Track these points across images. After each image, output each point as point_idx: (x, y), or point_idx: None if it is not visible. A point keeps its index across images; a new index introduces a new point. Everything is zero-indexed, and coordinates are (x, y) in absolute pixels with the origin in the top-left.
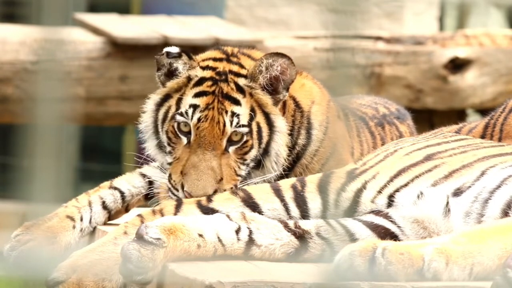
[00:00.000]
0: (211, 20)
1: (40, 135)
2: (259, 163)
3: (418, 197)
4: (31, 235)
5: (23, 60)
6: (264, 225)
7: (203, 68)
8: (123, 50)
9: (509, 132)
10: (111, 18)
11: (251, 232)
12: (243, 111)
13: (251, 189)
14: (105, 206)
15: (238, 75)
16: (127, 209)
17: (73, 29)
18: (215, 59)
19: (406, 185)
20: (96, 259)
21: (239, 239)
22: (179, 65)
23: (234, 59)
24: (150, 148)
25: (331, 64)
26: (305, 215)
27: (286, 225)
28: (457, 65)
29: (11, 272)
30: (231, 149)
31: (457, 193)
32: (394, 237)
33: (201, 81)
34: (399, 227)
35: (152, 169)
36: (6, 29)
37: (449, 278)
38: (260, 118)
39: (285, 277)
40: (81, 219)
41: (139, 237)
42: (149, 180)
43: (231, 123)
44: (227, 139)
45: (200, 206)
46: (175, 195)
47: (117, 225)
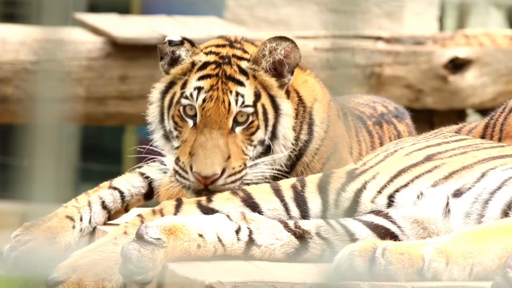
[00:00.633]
0: (211, 20)
1: (40, 135)
2: (268, 149)
3: (418, 197)
4: (30, 235)
5: (23, 60)
6: (264, 225)
7: (206, 53)
8: (123, 50)
9: (509, 132)
10: (111, 18)
11: (251, 232)
12: (247, 92)
13: (251, 189)
14: (104, 206)
15: (241, 58)
16: (126, 209)
17: (73, 29)
18: (218, 46)
19: (406, 185)
20: (96, 259)
21: (239, 239)
22: (182, 52)
23: (237, 45)
24: (157, 139)
25: (331, 64)
26: (305, 215)
27: (286, 225)
28: (457, 65)
29: (11, 272)
30: (238, 129)
31: (457, 194)
32: (394, 237)
33: (205, 65)
34: (399, 227)
35: (151, 168)
36: (6, 29)
37: (449, 278)
38: (265, 100)
39: (285, 277)
40: (81, 219)
41: (139, 237)
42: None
43: (236, 102)
44: (233, 119)
45: (200, 206)
46: (183, 177)
47: (117, 225)
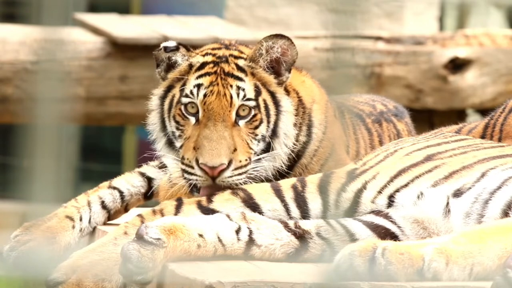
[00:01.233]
0: (211, 20)
1: (40, 135)
2: (268, 147)
3: (418, 197)
4: (30, 235)
5: (23, 60)
6: (264, 225)
7: (203, 55)
8: (123, 50)
9: (509, 132)
10: (111, 18)
11: (251, 232)
12: (247, 86)
13: (251, 189)
14: (104, 206)
15: (238, 57)
16: (126, 209)
17: (73, 29)
18: (213, 49)
19: (406, 185)
20: (96, 259)
21: (239, 239)
22: (178, 58)
23: (232, 48)
24: (160, 147)
25: (331, 64)
26: (305, 215)
27: (286, 225)
28: (457, 65)
29: (11, 272)
30: (241, 122)
31: (457, 194)
32: (394, 237)
33: (203, 65)
34: (399, 227)
35: (151, 168)
36: (6, 29)
37: (449, 278)
38: (266, 96)
39: (285, 277)
40: (81, 219)
41: (139, 237)
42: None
43: (238, 95)
44: (235, 113)
45: (200, 206)
46: (190, 173)
47: (117, 225)
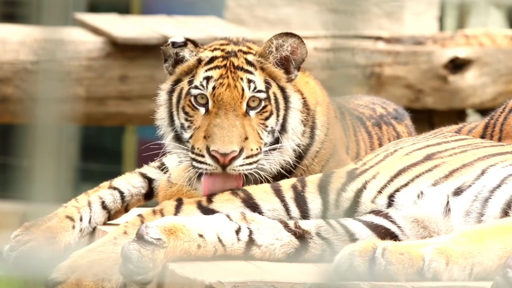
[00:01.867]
0: (211, 20)
1: (40, 135)
2: (276, 142)
3: (418, 196)
4: (30, 235)
5: (23, 60)
6: (264, 225)
7: (212, 50)
8: (123, 50)
9: (509, 132)
10: (111, 18)
11: (251, 232)
12: (257, 79)
13: (251, 189)
14: (104, 206)
15: (247, 53)
16: (126, 209)
17: (73, 29)
18: (222, 44)
19: (406, 185)
20: (95, 259)
21: (239, 239)
22: (186, 53)
23: (240, 44)
24: (168, 142)
25: (331, 64)
26: (305, 215)
27: (286, 225)
28: (457, 65)
29: (11, 272)
30: (252, 113)
31: (457, 192)
32: (394, 237)
33: (212, 59)
34: (399, 227)
35: (152, 169)
36: (6, 29)
37: (449, 278)
38: (276, 90)
39: (285, 277)
40: (81, 219)
41: (140, 237)
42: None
43: (249, 87)
44: (246, 104)
45: (200, 206)
46: (200, 162)
47: (117, 225)
